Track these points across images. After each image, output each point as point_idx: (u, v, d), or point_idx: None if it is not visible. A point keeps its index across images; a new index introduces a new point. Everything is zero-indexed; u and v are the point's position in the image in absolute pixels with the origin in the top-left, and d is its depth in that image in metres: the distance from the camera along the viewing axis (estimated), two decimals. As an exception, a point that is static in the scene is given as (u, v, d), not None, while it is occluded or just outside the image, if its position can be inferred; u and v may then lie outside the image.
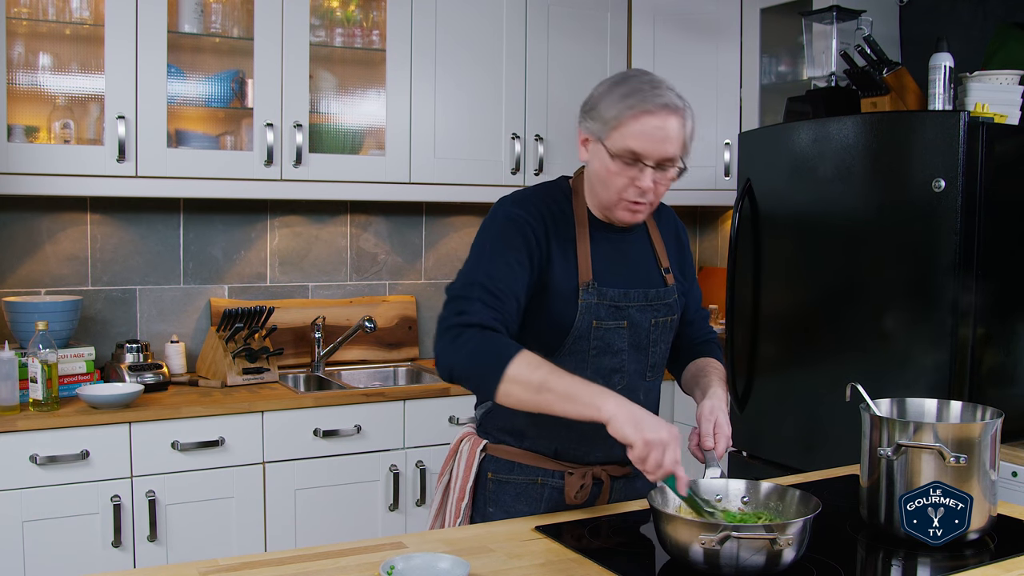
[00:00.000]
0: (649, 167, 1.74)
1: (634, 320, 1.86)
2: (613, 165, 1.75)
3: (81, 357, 3.02)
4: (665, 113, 1.72)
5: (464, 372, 1.69)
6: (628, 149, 1.73)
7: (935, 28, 3.35)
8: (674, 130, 1.73)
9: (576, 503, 1.87)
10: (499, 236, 1.79)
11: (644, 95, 1.73)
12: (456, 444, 2.00)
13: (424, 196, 3.52)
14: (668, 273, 1.94)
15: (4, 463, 2.65)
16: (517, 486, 1.90)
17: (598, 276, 1.83)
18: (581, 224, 1.85)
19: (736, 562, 1.42)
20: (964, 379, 2.58)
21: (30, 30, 3.03)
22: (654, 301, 1.89)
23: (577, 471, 1.88)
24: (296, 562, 1.52)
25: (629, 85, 1.75)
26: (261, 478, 2.99)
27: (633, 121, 1.72)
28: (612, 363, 1.86)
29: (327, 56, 3.48)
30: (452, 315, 1.72)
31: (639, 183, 1.75)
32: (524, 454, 1.90)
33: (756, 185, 3.13)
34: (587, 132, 1.81)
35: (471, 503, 1.93)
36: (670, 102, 1.73)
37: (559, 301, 1.81)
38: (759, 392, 3.14)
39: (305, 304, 3.63)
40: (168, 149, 3.08)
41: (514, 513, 1.88)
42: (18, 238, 3.21)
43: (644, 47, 3.84)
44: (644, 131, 1.71)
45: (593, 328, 1.82)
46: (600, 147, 1.77)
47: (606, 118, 1.74)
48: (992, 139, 2.57)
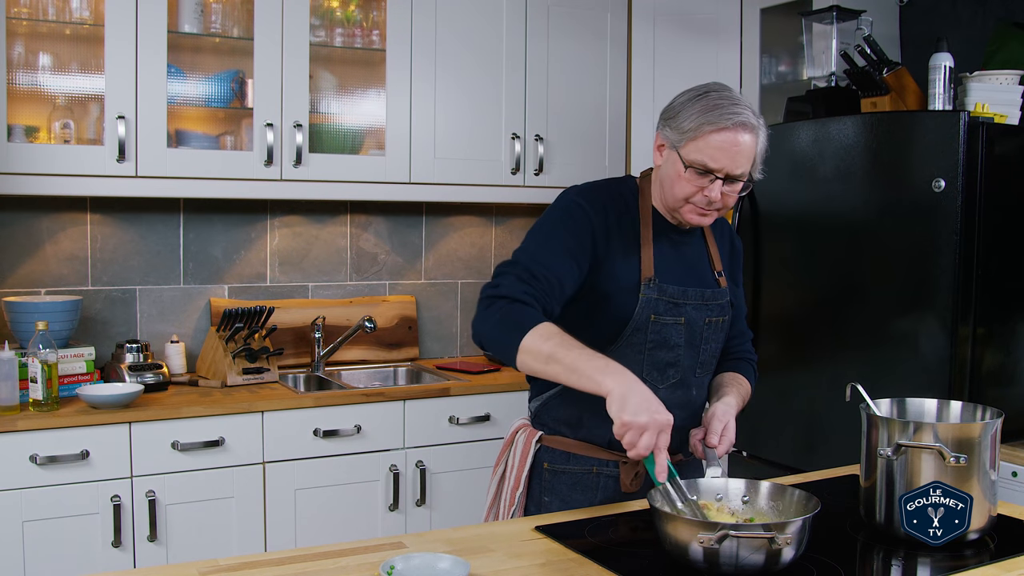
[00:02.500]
0: (719, 179, 1.81)
1: (690, 317, 1.91)
2: (686, 173, 1.82)
3: (81, 357, 3.02)
4: (741, 131, 1.78)
5: (490, 340, 1.77)
6: (702, 162, 1.80)
7: (935, 28, 3.35)
8: (747, 147, 1.80)
9: (632, 491, 1.92)
10: (556, 223, 1.86)
11: (723, 111, 1.78)
12: (511, 436, 2.05)
13: (424, 196, 3.52)
14: (721, 276, 2.00)
15: (4, 463, 2.65)
16: (573, 476, 1.94)
17: (659, 273, 1.89)
18: (646, 221, 1.91)
19: (735, 561, 1.42)
20: (964, 379, 2.58)
21: (30, 30, 3.03)
22: (709, 301, 1.94)
23: (631, 460, 1.89)
24: (296, 562, 1.52)
25: (710, 100, 1.81)
26: (261, 478, 2.99)
27: (710, 135, 1.78)
28: (668, 357, 1.90)
29: (327, 56, 3.48)
30: (489, 287, 1.81)
31: (707, 193, 1.82)
32: (579, 444, 1.95)
33: (756, 185, 3.12)
34: (664, 139, 1.87)
35: (526, 492, 1.98)
36: (747, 120, 1.79)
37: (620, 294, 1.86)
38: (759, 392, 3.10)
39: (305, 304, 3.63)
40: (168, 149, 3.08)
41: (571, 502, 1.93)
42: (18, 238, 3.21)
43: (644, 47, 3.84)
44: (719, 146, 1.78)
45: (651, 322, 1.87)
46: (675, 154, 1.83)
47: (684, 128, 1.81)
48: (992, 139, 2.57)
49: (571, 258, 1.82)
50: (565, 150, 3.72)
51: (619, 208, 1.90)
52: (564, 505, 1.93)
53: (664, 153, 1.88)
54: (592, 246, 1.85)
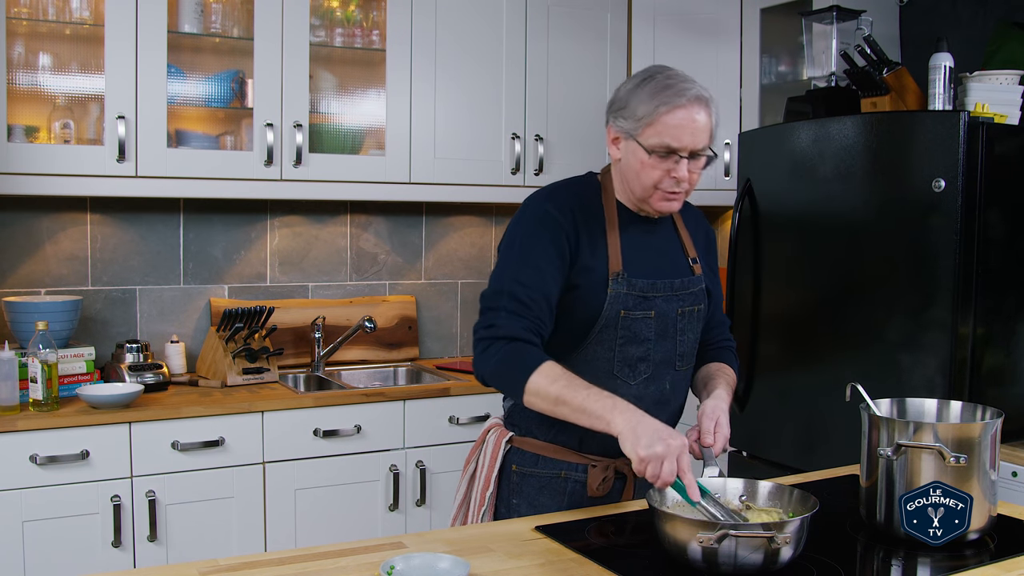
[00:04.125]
0: (684, 158, 1.80)
1: (660, 310, 1.90)
2: (650, 159, 1.81)
3: (81, 357, 3.02)
4: (696, 105, 1.79)
5: (494, 382, 1.82)
6: (664, 144, 1.79)
7: (935, 28, 3.35)
8: (704, 120, 1.80)
9: (598, 495, 1.91)
10: (529, 235, 1.86)
11: (674, 90, 1.78)
12: (483, 435, 2.04)
13: (424, 196, 3.52)
14: (696, 263, 1.98)
15: (4, 463, 2.65)
16: (540, 479, 1.94)
17: (627, 266, 1.88)
18: (611, 217, 1.90)
19: (734, 560, 1.42)
20: (964, 379, 2.58)
21: (30, 30, 3.03)
22: (679, 291, 1.93)
23: (600, 464, 1.91)
24: (296, 562, 1.52)
25: (657, 82, 1.80)
26: (261, 478, 2.99)
27: (666, 116, 1.78)
28: (638, 352, 1.89)
29: (327, 56, 3.48)
30: (482, 327, 1.82)
31: (675, 174, 1.81)
32: (548, 447, 1.94)
33: (756, 185, 3.13)
34: (618, 131, 1.86)
35: (495, 493, 1.97)
36: (700, 94, 1.80)
37: (589, 291, 1.85)
38: (759, 392, 3.14)
39: (305, 304, 3.63)
40: (168, 149, 3.08)
41: (538, 505, 1.93)
42: (18, 238, 3.21)
43: (644, 47, 3.84)
44: (678, 124, 1.78)
45: (621, 317, 1.86)
46: (633, 143, 1.82)
47: (639, 116, 1.80)
48: (992, 139, 2.56)
49: (553, 270, 1.83)
50: (565, 150, 3.72)
51: (584, 206, 1.89)
52: (532, 508, 1.93)
53: (621, 145, 1.87)
54: (568, 251, 1.85)
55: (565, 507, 1.91)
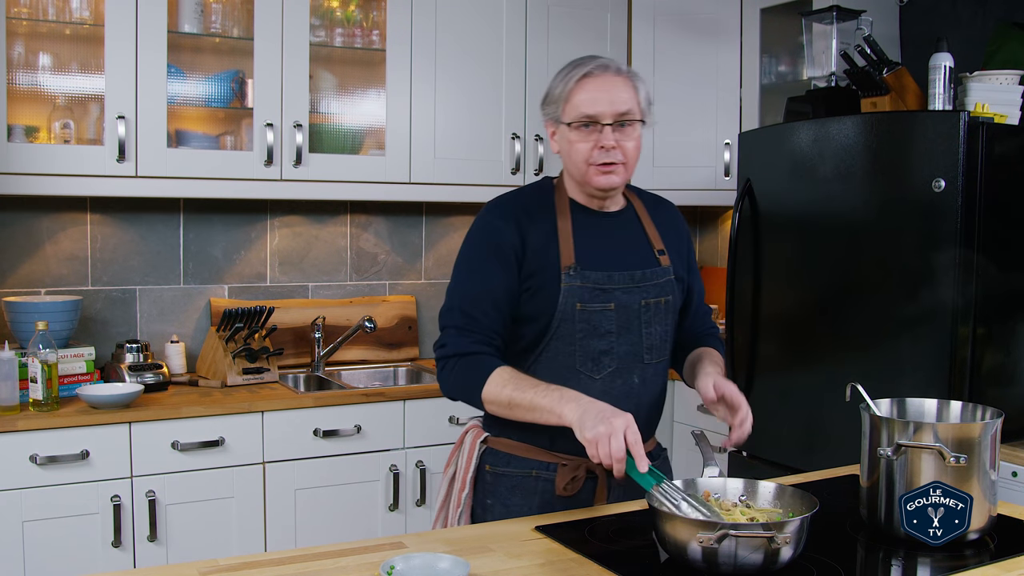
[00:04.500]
0: (607, 125, 1.85)
1: (621, 302, 1.90)
2: (574, 134, 1.87)
3: (81, 357, 3.02)
4: (604, 72, 1.86)
5: (458, 397, 1.90)
6: (581, 113, 1.85)
7: (935, 28, 3.35)
8: (618, 84, 1.86)
9: (566, 495, 1.90)
10: (472, 247, 1.93)
11: (581, 64, 1.88)
12: (461, 436, 2.05)
13: (424, 196, 3.52)
14: (663, 255, 1.98)
15: (4, 463, 2.65)
16: (512, 479, 1.94)
17: (581, 260, 1.89)
18: (563, 213, 1.93)
19: (734, 560, 1.42)
20: (964, 379, 2.58)
21: (30, 30, 3.03)
22: (642, 282, 1.93)
23: (571, 463, 1.91)
24: (296, 562, 1.52)
25: (569, 65, 1.91)
26: (261, 478, 2.99)
27: (578, 89, 1.86)
28: (600, 345, 1.89)
29: (327, 56, 3.48)
30: (438, 347, 1.91)
31: (602, 143, 1.85)
32: (521, 447, 1.94)
33: (756, 185, 3.13)
34: (548, 122, 1.95)
35: (471, 494, 1.98)
36: (607, 63, 1.88)
37: (544, 288, 1.88)
38: (759, 392, 3.14)
39: (305, 304, 3.63)
40: (168, 149, 3.08)
41: (510, 505, 1.93)
42: (18, 238, 3.21)
43: (644, 47, 3.84)
44: (590, 91, 1.85)
45: (577, 311, 1.87)
46: (562, 127, 1.90)
47: (556, 97, 1.89)
48: (992, 139, 2.56)
49: (499, 277, 1.87)
50: (565, 150, 3.71)
51: (532, 209, 1.93)
52: (504, 508, 1.93)
53: (555, 136, 1.93)
54: (515, 257, 1.88)
55: (536, 507, 1.91)
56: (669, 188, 3.86)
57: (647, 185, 3.88)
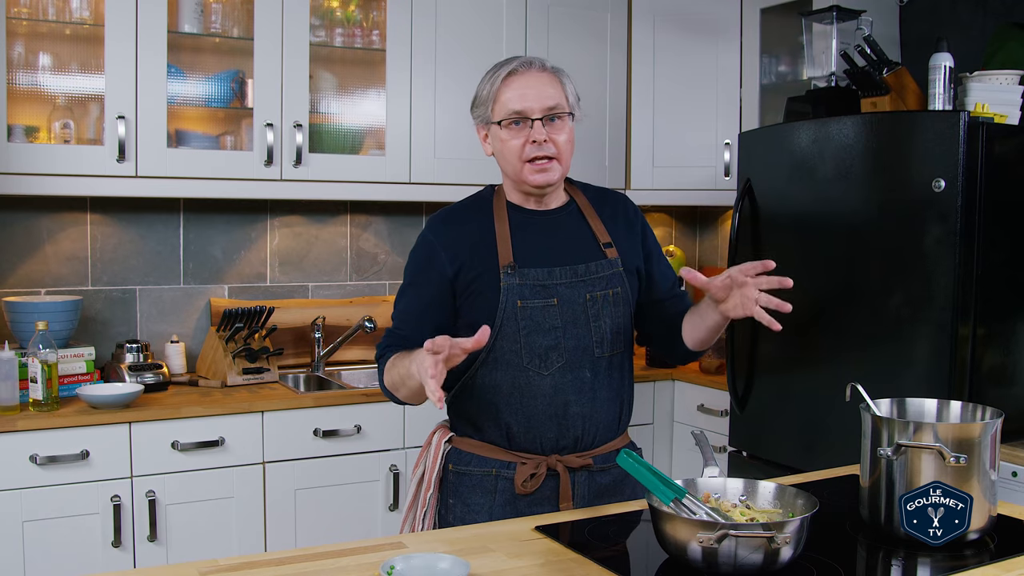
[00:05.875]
0: (537, 120, 1.88)
1: (564, 297, 1.92)
2: (505, 132, 1.91)
3: (81, 357, 3.02)
4: (527, 69, 1.90)
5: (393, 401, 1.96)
6: (510, 110, 1.89)
7: (935, 28, 3.35)
8: (543, 80, 1.90)
9: (525, 492, 1.91)
10: (409, 263, 2.01)
11: (504, 65, 1.93)
12: (430, 436, 2.06)
13: (424, 196, 3.52)
14: (609, 248, 1.98)
15: (4, 463, 2.65)
16: (473, 478, 1.95)
17: (519, 258, 1.92)
18: (500, 216, 1.96)
19: (734, 560, 1.42)
20: (964, 379, 2.58)
21: (30, 30, 3.03)
22: (585, 277, 1.94)
23: (531, 461, 1.92)
24: (296, 562, 1.52)
25: (492, 67, 1.96)
26: (261, 478, 2.99)
27: (505, 87, 1.90)
28: (546, 341, 1.90)
29: (327, 56, 3.48)
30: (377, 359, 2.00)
31: (534, 138, 1.88)
32: (482, 446, 1.96)
33: (756, 185, 3.13)
34: (479, 125, 1.99)
35: (436, 494, 2.00)
36: (530, 59, 1.93)
37: (485, 290, 1.91)
38: (759, 392, 3.14)
39: (305, 304, 3.63)
40: (168, 149, 3.08)
41: (471, 504, 1.95)
42: (18, 238, 3.21)
43: (644, 47, 3.84)
44: (516, 89, 1.89)
45: (519, 308, 1.89)
46: (493, 127, 1.93)
47: (484, 98, 1.94)
48: (992, 139, 2.57)
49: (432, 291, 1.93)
50: (565, 150, 3.71)
51: (471, 216, 1.98)
52: (465, 508, 1.94)
53: (487, 138, 1.97)
54: (448, 266, 1.92)
55: (496, 505, 1.92)
56: (669, 188, 3.87)
57: (647, 185, 3.90)
